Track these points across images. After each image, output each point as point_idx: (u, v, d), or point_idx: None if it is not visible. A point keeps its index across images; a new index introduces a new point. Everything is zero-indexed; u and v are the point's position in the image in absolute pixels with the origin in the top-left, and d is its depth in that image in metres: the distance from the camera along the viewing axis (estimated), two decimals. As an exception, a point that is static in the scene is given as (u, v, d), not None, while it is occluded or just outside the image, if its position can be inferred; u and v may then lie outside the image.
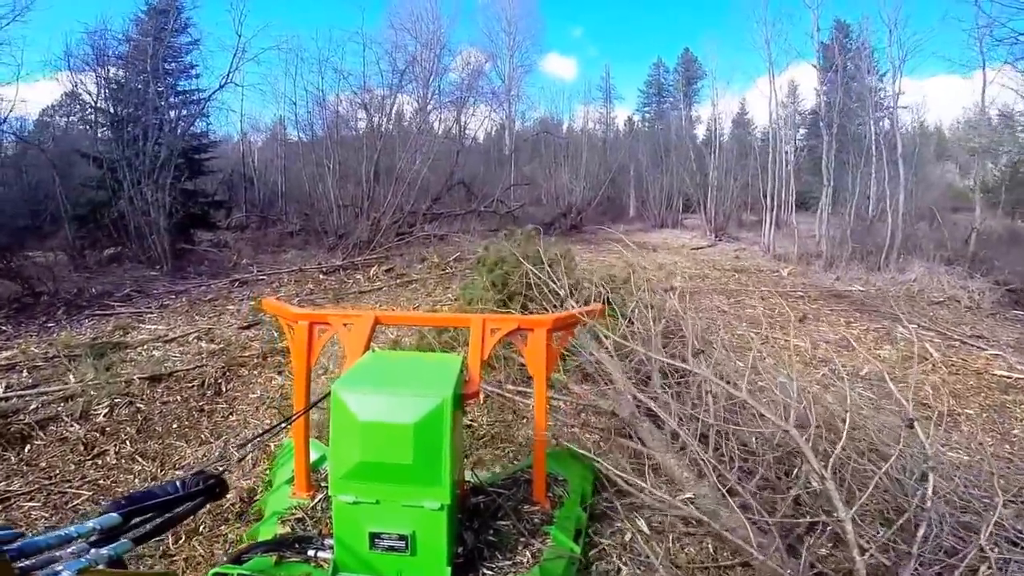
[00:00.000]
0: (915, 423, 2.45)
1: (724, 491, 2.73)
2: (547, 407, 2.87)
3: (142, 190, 11.07)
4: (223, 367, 5.50)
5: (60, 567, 1.01)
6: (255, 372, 5.52)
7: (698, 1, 55.62)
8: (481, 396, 4.32)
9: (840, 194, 16.80)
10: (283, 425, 3.18)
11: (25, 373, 5.34)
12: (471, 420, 4.32)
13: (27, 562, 1.02)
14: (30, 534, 1.09)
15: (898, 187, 14.05)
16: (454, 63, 21.57)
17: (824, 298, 10.22)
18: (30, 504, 3.33)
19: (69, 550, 1.13)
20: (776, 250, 17.27)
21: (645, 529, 3.04)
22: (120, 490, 3.52)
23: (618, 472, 2.79)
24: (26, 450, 3.95)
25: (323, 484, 2.74)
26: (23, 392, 4.83)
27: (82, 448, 4.00)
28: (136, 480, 3.65)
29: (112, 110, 12.73)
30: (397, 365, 2.50)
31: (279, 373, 5.45)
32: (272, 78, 26.14)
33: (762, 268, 14.40)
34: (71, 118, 18.13)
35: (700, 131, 34.57)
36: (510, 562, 2.34)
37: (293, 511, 2.63)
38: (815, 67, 18.66)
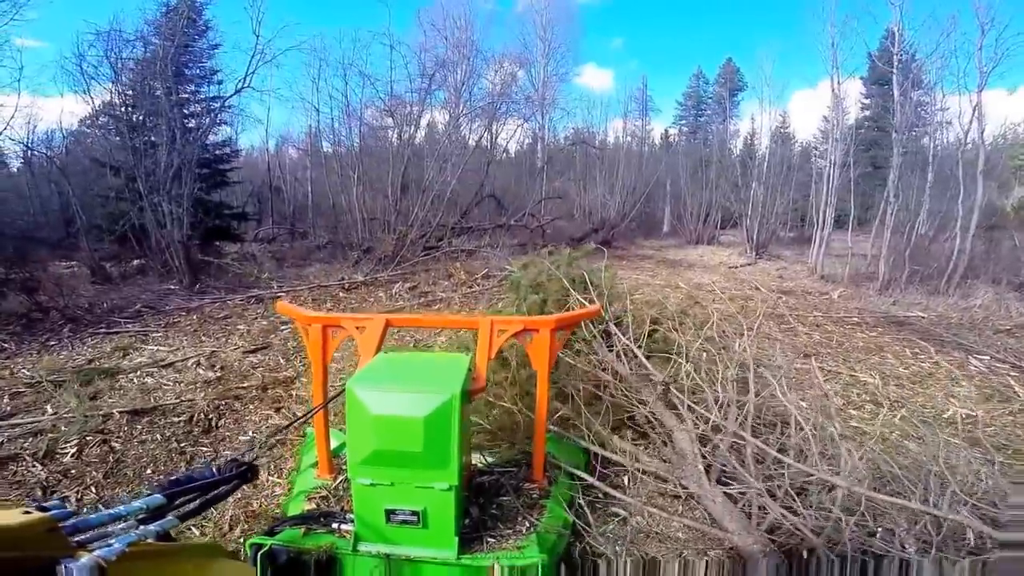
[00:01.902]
0: None
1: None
2: (548, 398, 3.00)
3: (159, 201, 10.65)
4: (217, 400, 4.90)
5: (113, 540, 1.06)
6: (251, 407, 4.87)
7: (738, 13, 54.41)
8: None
9: (894, 212, 15.63)
10: (301, 420, 3.56)
11: (5, 400, 4.82)
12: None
13: (82, 537, 1.06)
14: (84, 512, 1.12)
15: (972, 204, 12.94)
16: (486, 70, 20.88)
17: (883, 325, 9.31)
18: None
19: (120, 526, 1.20)
20: (824, 270, 16.23)
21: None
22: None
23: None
24: (-19, 493, 3.41)
25: (344, 467, 2.85)
26: (-5, 423, 4.29)
27: (40, 493, 3.47)
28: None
29: (128, 117, 12.26)
30: (408, 364, 2.65)
31: (277, 410, 4.79)
32: (296, 84, 25.95)
33: (809, 290, 13.39)
34: (96, 129, 18.02)
35: (736, 145, 33.63)
36: (511, 531, 2.50)
37: (318, 490, 2.85)
38: (862, 79, 17.43)
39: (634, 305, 4.20)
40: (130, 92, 12.35)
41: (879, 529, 2.39)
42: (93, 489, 3.53)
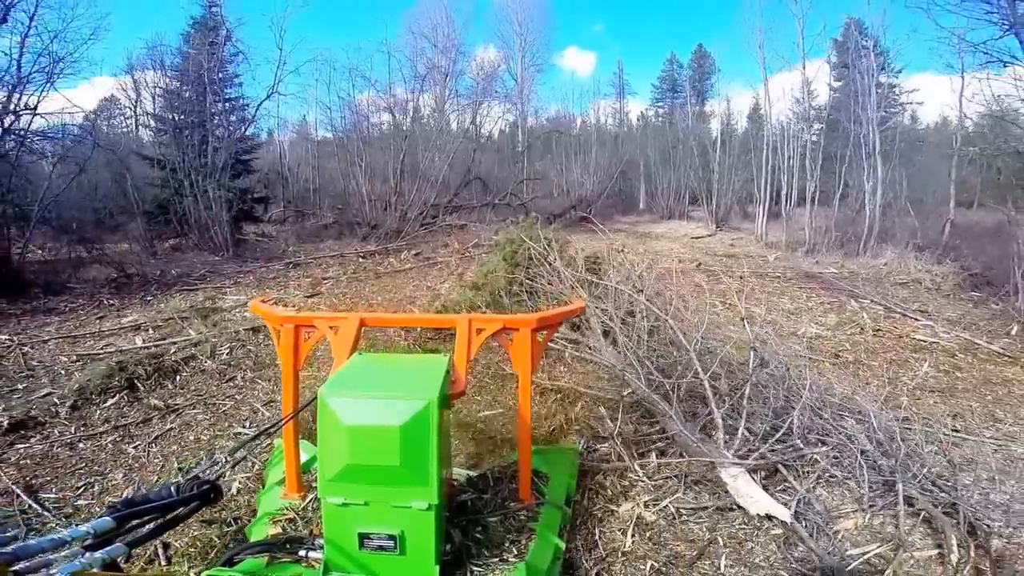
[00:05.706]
0: (745, 320, 4.05)
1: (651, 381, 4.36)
2: (531, 404, 2.92)
3: (205, 188, 12.98)
4: (302, 322, 7.21)
5: (54, 570, 1.05)
6: (327, 327, 7.21)
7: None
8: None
9: (834, 187, 17.91)
10: (271, 429, 3.23)
11: (151, 331, 7.05)
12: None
13: (22, 565, 1.06)
14: (26, 538, 1.12)
15: (877, 181, 15.36)
16: (469, 66, 23.28)
17: (798, 277, 11.55)
18: (194, 411, 4.82)
19: (63, 553, 1.18)
20: (769, 239, 18.70)
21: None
22: (251, 400, 5.03)
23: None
24: (177, 379, 5.54)
25: (314, 484, 2.75)
26: (157, 343, 6.51)
27: (217, 376, 5.59)
28: (260, 394, 5.19)
29: (172, 117, 14.67)
30: (383, 368, 2.59)
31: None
32: (306, 84, 28.28)
33: (752, 254, 15.82)
34: (113, 120, 20.13)
35: (714, 125, 35.34)
36: (497, 559, 2.41)
37: (284, 512, 2.70)
38: (801, 71, 19.55)
39: (579, 253, 6.58)
40: (171, 95, 14.76)
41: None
42: (248, 372, 5.71)
